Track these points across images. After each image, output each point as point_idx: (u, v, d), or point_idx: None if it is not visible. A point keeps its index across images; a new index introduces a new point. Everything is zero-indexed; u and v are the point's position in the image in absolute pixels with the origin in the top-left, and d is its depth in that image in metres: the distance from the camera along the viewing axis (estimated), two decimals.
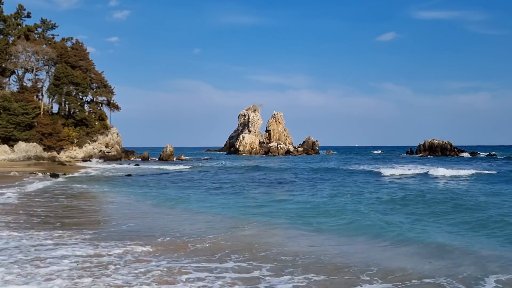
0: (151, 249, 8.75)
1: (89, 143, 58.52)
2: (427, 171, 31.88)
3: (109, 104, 62.91)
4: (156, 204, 16.65)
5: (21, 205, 15.39)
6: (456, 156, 77.31)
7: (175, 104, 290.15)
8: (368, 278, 7.00)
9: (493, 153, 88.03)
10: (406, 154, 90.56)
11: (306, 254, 8.57)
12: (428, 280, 6.92)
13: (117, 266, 7.43)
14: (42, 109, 55.01)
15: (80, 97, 60.43)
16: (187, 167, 45.12)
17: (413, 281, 6.88)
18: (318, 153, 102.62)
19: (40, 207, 15.06)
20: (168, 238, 9.93)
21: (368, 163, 53.75)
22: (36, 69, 58.57)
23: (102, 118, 61.54)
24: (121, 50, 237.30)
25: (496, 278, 7.04)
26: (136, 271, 7.14)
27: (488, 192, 19.80)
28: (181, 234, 10.51)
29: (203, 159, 69.62)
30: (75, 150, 56.92)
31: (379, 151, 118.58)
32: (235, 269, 7.47)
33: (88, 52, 63.03)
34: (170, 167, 43.39)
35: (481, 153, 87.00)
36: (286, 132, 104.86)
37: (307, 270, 7.41)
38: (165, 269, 7.30)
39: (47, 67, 60.11)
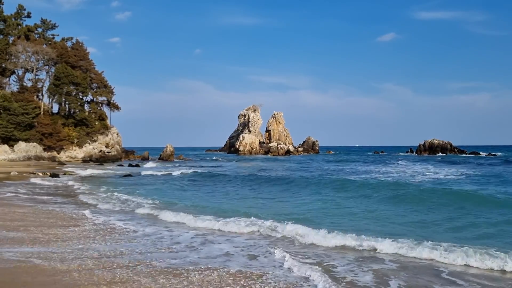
0: None
1: (89, 143, 58.46)
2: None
3: (109, 104, 62.91)
4: None
5: None
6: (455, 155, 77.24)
7: (176, 104, 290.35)
8: None
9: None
10: (406, 153, 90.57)
11: None
12: None
13: None
14: (42, 109, 54.98)
15: (80, 97, 60.38)
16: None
17: None
18: (318, 153, 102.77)
19: None
20: None
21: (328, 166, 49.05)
22: (36, 69, 58.54)
23: (102, 118, 61.50)
24: (123, 51, 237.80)
25: None
26: None
27: None
28: None
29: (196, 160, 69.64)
30: (75, 150, 56.88)
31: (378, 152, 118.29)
32: None
33: (88, 52, 63.10)
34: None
35: (480, 153, 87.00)
36: (286, 132, 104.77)
37: None
38: None
39: (47, 67, 60.10)
